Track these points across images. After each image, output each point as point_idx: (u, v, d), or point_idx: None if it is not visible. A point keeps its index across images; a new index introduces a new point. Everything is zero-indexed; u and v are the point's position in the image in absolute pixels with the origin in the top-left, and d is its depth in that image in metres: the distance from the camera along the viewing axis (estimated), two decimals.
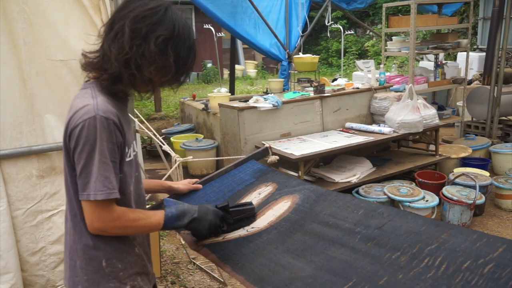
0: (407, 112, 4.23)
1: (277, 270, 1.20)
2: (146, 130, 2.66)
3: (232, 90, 8.04)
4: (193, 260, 3.32)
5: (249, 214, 1.47)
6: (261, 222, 1.46)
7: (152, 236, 2.22)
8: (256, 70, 15.57)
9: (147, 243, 1.44)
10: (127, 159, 1.27)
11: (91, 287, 1.28)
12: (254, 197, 1.62)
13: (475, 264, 1.00)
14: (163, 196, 1.75)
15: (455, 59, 8.98)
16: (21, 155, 2.43)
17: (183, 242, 3.39)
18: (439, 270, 1.02)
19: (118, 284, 1.30)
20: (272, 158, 1.90)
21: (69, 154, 1.22)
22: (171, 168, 2.46)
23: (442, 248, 1.08)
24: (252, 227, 1.44)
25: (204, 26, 9.93)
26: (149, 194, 2.52)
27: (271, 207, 1.52)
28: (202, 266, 3.23)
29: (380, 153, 4.93)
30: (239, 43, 13.90)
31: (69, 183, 1.26)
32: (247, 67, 15.67)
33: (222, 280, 3.03)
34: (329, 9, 7.28)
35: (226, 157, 3.59)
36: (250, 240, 1.38)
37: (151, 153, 6.02)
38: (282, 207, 1.50)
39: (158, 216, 1.30)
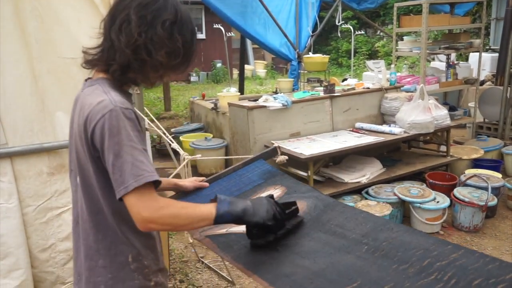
0: (418, 113, 4.19)
1: (279, 263, 1.19)
2: (156, 129, 2.67)
3: (241, 90, 8.04)
4: (201, 259, 3.32)
5: (295, 210, 1.38)
6: None
7: (161, 234, 2.22)
8: (265, 70, 15.56)
9: (160, 239, 1.43)
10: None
11: (116, 285, 1.26)
12: None
13: (486, 282, 0.97)
14: (170, 193, 1.74)
15: (467, 59, 8.87)
16: (32, 152, 2.45)
17: (191, 241, 3.39)
18: (448, 284, 1.00)
19: (143, 281, 1.29)
20: (281, 158, 1.88)
21: (87, 151, 1.18)
22: (178, 168, 2.46)
23: (452, 265, 1.06)
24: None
25: (214, 26, 9.92)
26: None
27: None
28: (211, 265, 3.23)
29: (390, 153, 4.89)
30: (248, 43, 13.88)
31: (92, 180, 1.22)
32: (257, 67, 15.67)
33: (231, 279, 3.02)
34: (340, 9, 7.24)
35: (235, 157, 3.59)
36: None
37: (161, 152, 6.04)
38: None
39: (209, 205, 1.22)
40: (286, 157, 1.97)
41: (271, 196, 1.32)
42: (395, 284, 1.03)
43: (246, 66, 11.16)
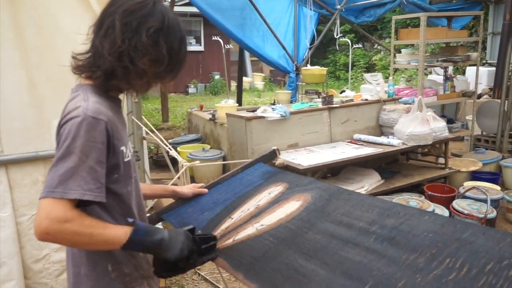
0: (417, 124, 4.18)
1: (290, 275, 1.15)
2: (154, 136, 2.65)
3: (239, 101, 8.05)
4: (197, 271, 3.27)
5: (213, 246, 1.30)
6: (271, 219, 1.42)
7: None
8: (263, 83, 15.61)
9: None
10: (126, 159, 1.25)
11: None
12: (264, 196, 1.58)
13: (498, 266, 0.94)
14: (168, 201, 1.72)
15: (463, 73, 8.92)
16: (27, 160, 2.42)
17: None
18: (460, 272, 0.97)
19: None
20: (281, 160, 1.87)
21: None
22: (177, 175, 2.44)
23: (463, 248, 1.02)
24: (262, 225, 1.40)
25: (213, 38, 9.98)
26: (154, 201, 2.50)
27: (282, 205, 1.47)
28: (207, 277, 3.18)
29: (388, 165, 4.87)
30: (247, 55, 13.93)
31: None
32: (255, 79, 15.72)
33: None
34: (338, 22, 7.29)
35: (233, 161, 3.56)
36: (261, 241, 1.33)
37: (158, 162, 6.01)
38: (293, 205, 1.45)
39: (121, 229, 1.15)
40: (286, 160, 1.94)
41: (192, 230, 1.26)
42: (407, 280, 1.00)
43: (244, 78, 11.18)
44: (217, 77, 14.53)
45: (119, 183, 1.24)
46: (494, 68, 7.11)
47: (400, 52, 5.92)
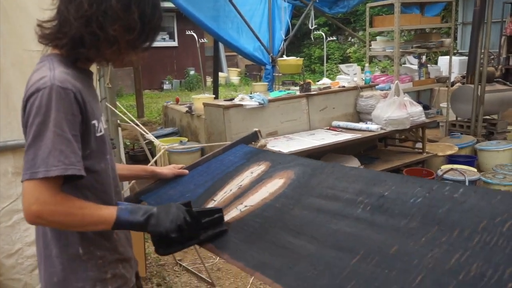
0: (394, 109, 4.20)
1: (279, 252, 1.11)
2: (130, 122, 2.56)
3: (216, 94, 7.96)
4: (179, 262, 3.20)
5: (217, 218, 1.25)
6: (255, 199, 1.37)
7: (136, 237, 2.10)
8: (239, 78, 15.53)
9: None
10: (98, 134, 1.18)
11: (68, 276, 1.18)
12: (247, 176, 1.53)
13: (492, 223, 0.91)
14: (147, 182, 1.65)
15: (436, 63, 9.08)
16: None
17: None
18: (453, 234, 0.93)
19: (97, 273, 1.20)
20: (262, 142, 1.82)
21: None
22: (155, 162, 2.36)
23: (454, 210, 0.99)
24: (245, 206, 1.35)
25: (187, 32, 9.84)
26: (131, 182, 2.41)
27: (265, 184, 1.43)
28: (189, 268, 3.11)
29: (367, 152, 4.89)
30: (222, 50, 13.82)
31: None
32: (230, 74, 15.63)
33: (210, 281, 2.91)
34: (312, 13, 7.29)
35: (212, 144, 3.48)
36: (245, 223, 1.27)
37: (134, 158, 5.88)
38: (276, 183, 1.40)
39: (110, 209, 1.13)
40: (267, 141, 1.90)
41: (187, 204, 1.21)
42: (399, 246, 0.96)
43: (219, 74, 11.08)
44: (192, 72, 14.36)
45: (92, 159, 1.17)
46: (465, 57, 7.25)
47: (375, 40, 5.96)
